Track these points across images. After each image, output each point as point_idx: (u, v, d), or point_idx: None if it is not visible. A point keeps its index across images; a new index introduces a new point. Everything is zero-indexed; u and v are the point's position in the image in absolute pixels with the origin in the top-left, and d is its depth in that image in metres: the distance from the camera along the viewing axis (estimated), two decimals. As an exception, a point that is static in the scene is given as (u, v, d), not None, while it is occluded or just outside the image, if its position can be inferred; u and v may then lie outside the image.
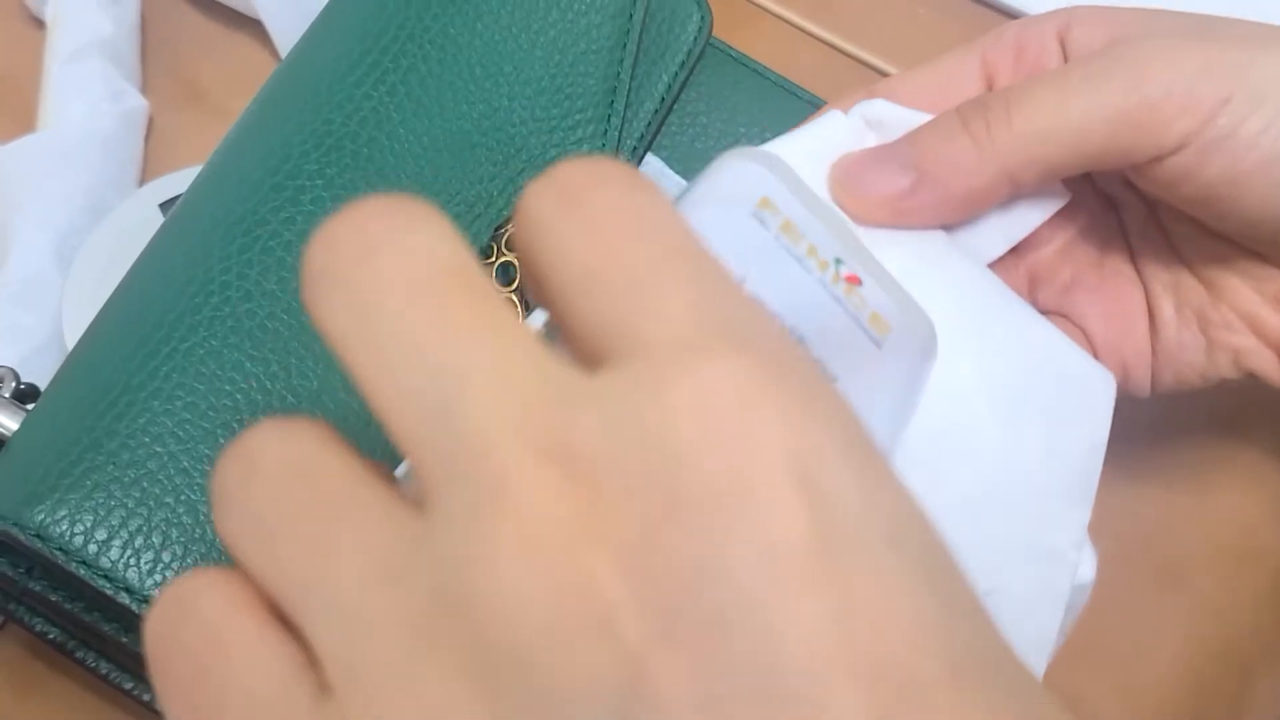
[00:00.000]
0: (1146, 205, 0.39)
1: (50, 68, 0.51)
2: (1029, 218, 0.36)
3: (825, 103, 0.47)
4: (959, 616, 0.18)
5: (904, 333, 0.30)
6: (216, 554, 0.33)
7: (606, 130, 0.41)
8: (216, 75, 0.54)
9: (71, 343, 0.44)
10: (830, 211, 0.31)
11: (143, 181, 0.51)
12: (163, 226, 0.38)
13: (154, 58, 0.54)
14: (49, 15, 0.53)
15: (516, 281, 0.37)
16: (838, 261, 0.30)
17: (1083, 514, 0.33)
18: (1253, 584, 0.44)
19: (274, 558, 0.19)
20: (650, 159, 0.44)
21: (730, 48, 0.47)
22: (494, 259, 0.37)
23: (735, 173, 0.31)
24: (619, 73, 0.42)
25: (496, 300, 0.19)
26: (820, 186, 0.34)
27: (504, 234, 0.38)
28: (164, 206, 0.46)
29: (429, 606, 0.18)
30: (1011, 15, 0.56)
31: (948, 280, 0.34)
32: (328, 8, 0.42)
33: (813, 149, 0.35)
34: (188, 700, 0.19)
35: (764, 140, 0.45)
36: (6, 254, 0.47)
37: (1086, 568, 0.33)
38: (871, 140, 0.36)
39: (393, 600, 0.18)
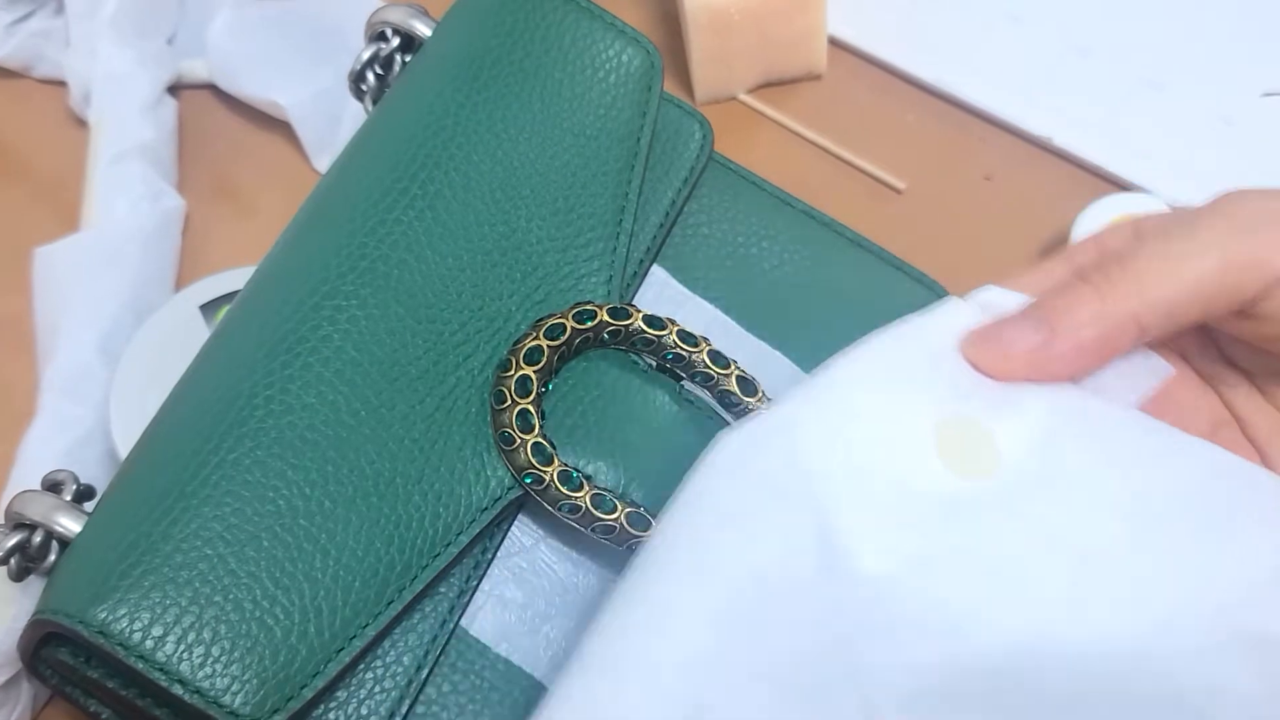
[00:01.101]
0: (1247, 378, 0.42)
1: (94, 169, 0.55)
2: (1142, 383, 0.39)
3: (817, 211, 0.50)
4: None
5: None
6: (260, 648, 0.36)
7: (615, 247, 0.45)
8: (248, 174, 0.58)
9: (118, 436, 0.47)
10: None
11: (180, 275, 0.55)
12: (210, 340, 0.42)
13: (189, 157, 0.58)
14: (92, 118, 0.56)
15: (533, 394, 0.41)
16: None
17: None
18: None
19: None
20: (655, 270, 0.47)
21: (729, 161, 0.51)
22: (512, 372, 0.41)
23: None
24: (627, 192, 0.45)
25: None
26: (951, 361, 0.37)
27: (521, 348, 0.41)
28: (204, 308, 0.50)
29: None
30: (995, 122, 0.59)
31: (1094, 423, 0.37)
32: (360, 134, 0.45)
33: (940, 332, 0.38)
34: None
35: (761, 250, 0.48)
36: (54, 348, 0.51)
37: None
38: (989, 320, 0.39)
39: None
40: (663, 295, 0.47)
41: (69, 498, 0.39)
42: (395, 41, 0.48)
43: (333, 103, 0.56)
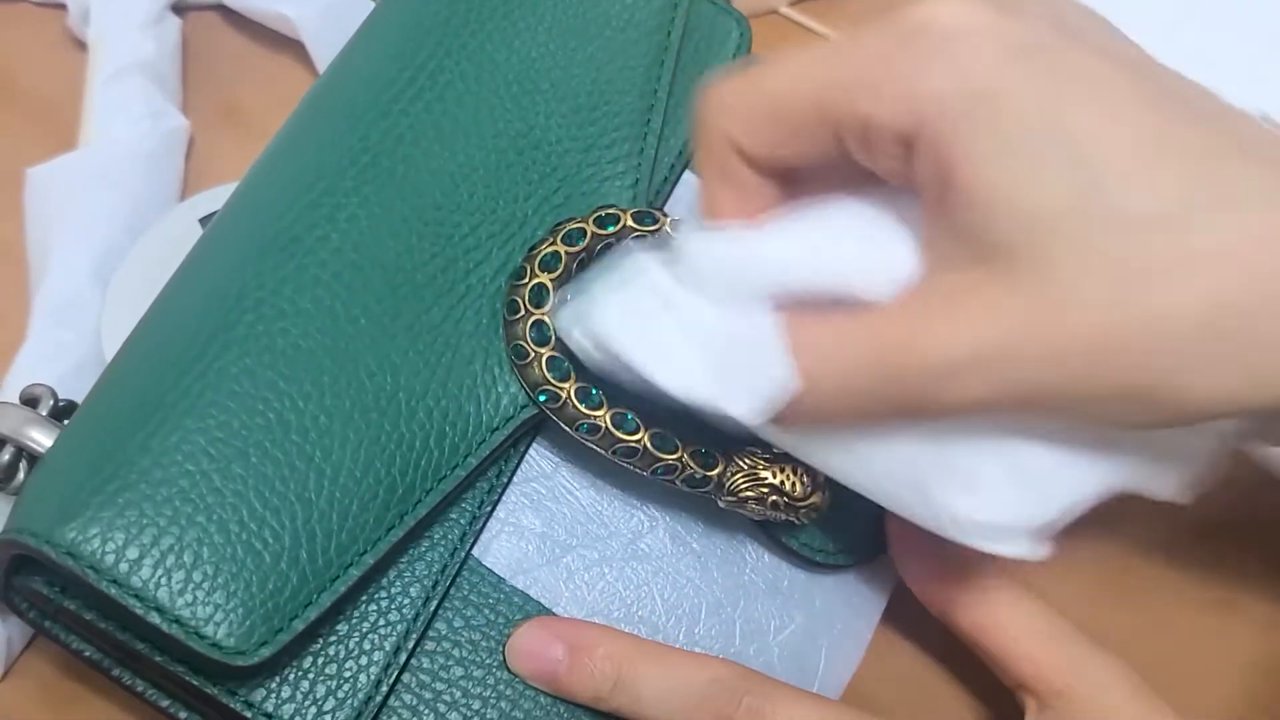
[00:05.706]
0: None
1: (92, 87, 0.52)
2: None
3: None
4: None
5: None
6: (247, 574, 0.33)
7: (643, 149, 0.41)
8: (257, 96, 0.54)
9: (110, 358, 0.44)
10: None
11: (182, 200, 0.51)
12: (198, 243, 0.38)
13: (195, 79, 0.55)
14: (91, 36, 0.53)
15: (549, 305, 0.37)
16: None
17: None
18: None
19: None
20: (688, 176, 0.44)
21: (769, 65, 0.47)
22: (527, 280, 0.37)
23: None
24: (656, 90, 0.42)
25: None
26: None
27: (537, 254, 0.37)
28: (204, 221, 0.46)
29: None
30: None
31: None
32: (365, 25, 0.42)
33: None
34: None
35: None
36: (46, 271, 0.47)
37: None
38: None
39: None
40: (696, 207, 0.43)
41: (45, 413, 0.36)
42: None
43: (344, 16, 0.52)
